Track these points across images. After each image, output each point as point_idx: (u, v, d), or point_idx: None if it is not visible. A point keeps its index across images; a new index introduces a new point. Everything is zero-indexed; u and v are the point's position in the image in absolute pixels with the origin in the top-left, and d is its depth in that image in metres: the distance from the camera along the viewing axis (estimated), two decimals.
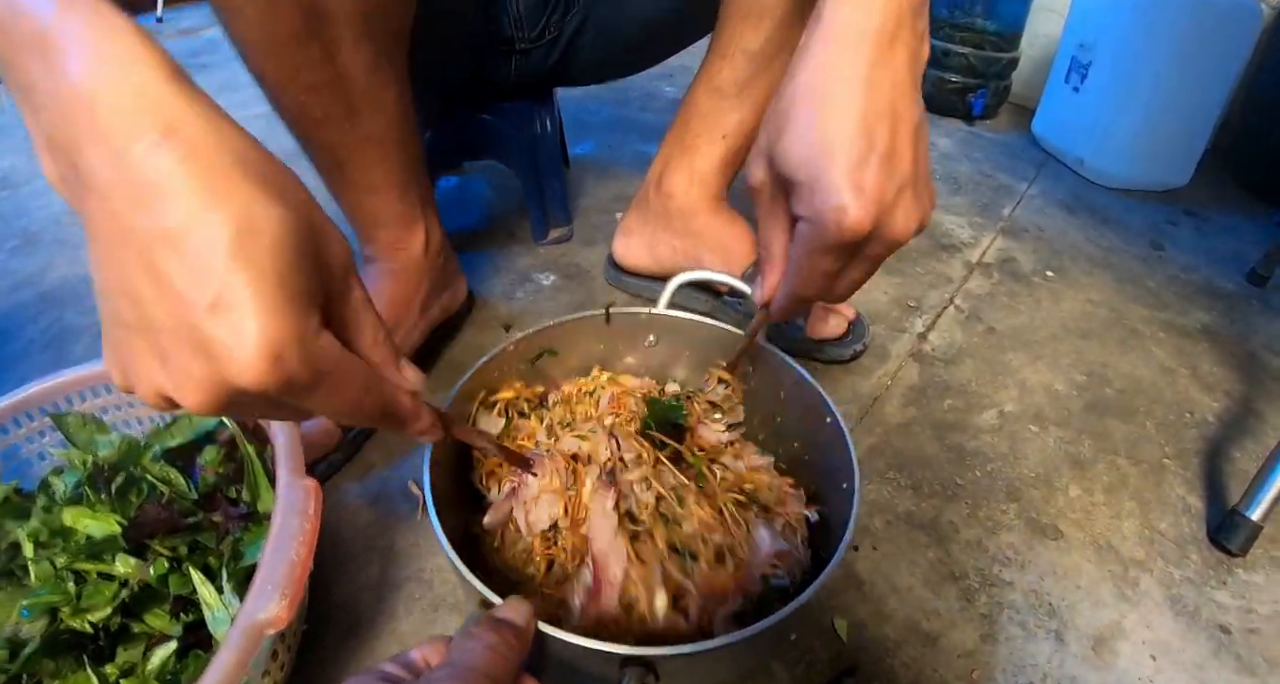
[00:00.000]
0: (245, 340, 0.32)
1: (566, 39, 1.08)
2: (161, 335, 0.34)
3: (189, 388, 0.34)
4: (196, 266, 0.32)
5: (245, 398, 0.35)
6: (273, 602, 0.51)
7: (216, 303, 0.32)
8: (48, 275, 1.26)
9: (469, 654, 0.42)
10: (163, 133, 0.33)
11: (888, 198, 0.49)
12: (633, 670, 0.48)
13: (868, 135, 0.49)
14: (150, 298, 0.33)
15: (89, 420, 0.72)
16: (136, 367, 0.36)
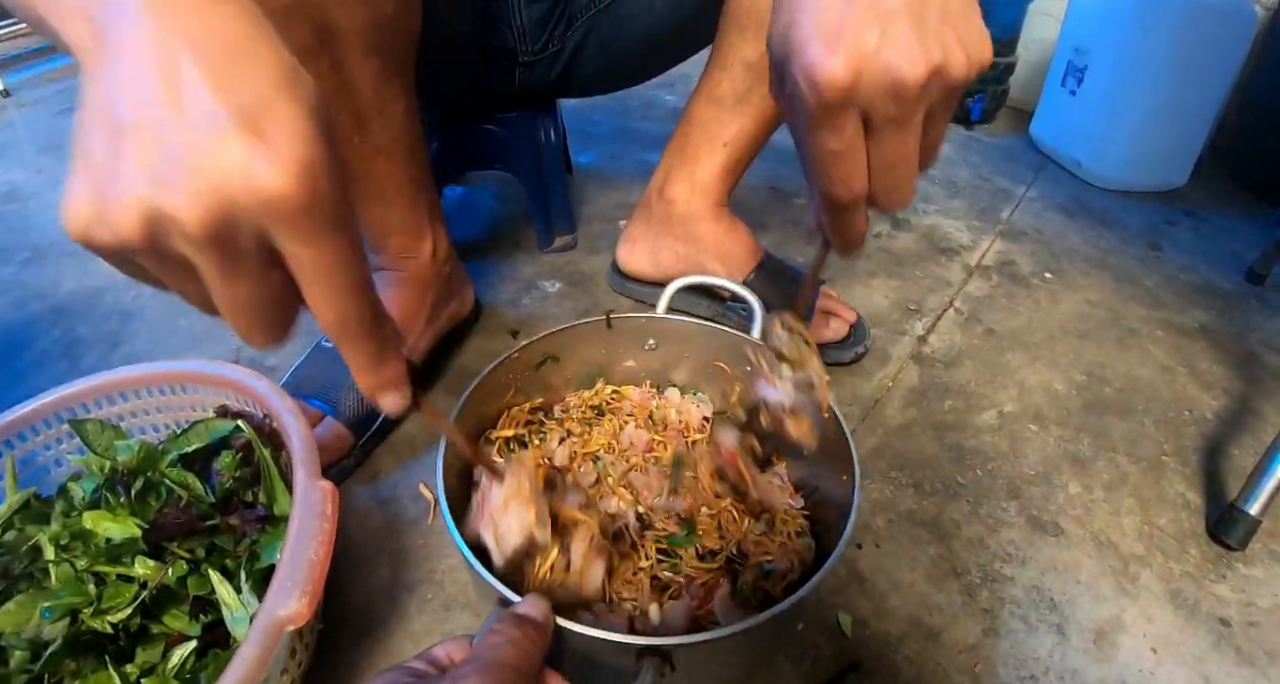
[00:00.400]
0: (278, 147, 0.31)
1: (569, 52, 1.10)
2: (172, 138, 0.30)
3: (191, 194, 0.30)
4: (237, 77, 0.31)
5: (252, 217, 0.32)
6: (293, 599, 0.53)
7: (254, 113, 0.31)
8: (58, 288, 1.28)
9: (493, 649, 0.44)
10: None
11: (866, 34, 0.40)
12: (649, 661, 0.49)
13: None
14: (169, 100, 0.30)
15: (107, 427, 0.74)
16: (120, 180, 0.31)
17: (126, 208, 0.31)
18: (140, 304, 1.23)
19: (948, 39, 0.42)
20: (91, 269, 1.32)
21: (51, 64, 2.43)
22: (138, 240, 0.32)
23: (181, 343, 1.14)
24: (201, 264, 0.33)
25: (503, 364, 0.74)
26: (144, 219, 0.31)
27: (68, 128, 1.50)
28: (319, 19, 0.67)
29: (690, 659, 0.52)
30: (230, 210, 0.31)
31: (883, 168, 0.46)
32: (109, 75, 0.32)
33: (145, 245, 0.32)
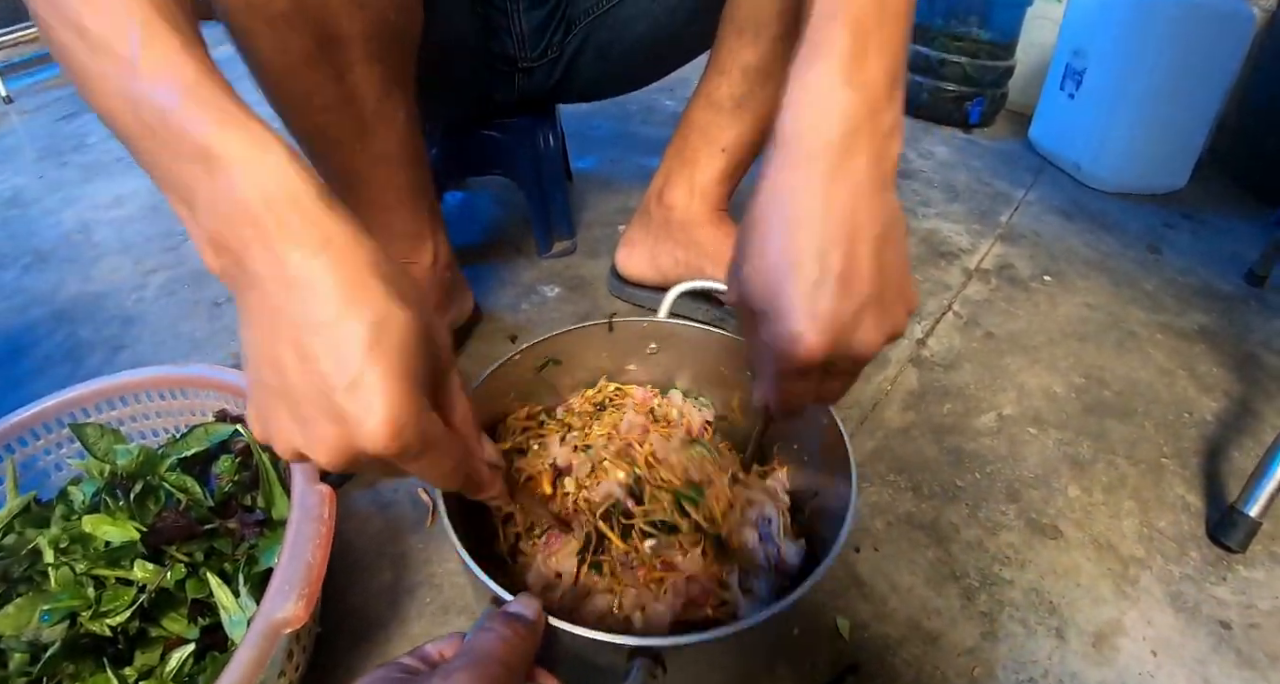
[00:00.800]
0: (375, 416, 0.39)
1: (568, 58, 1.10)
2: (302, 404, 0.40)
3: (322, 449, 0.40)
4: (339, 353, 0.39)
5: (367, 460, 0.41)
6: (290, 601, 0.53)
7: (354, 384, 0.38)
8: (59, 293, 1.28)
9: (483, 644, 0.44)
10: (320, 244, 0.40)
11: (845, 320, 0.46)
12: (641, 662, 0.49)
13: (821, 258, 0.46)
14: (296, 373, 0.39)
15: (107, 431, 0.74)
16: (277, 425, 0.42)
17: (283, 446, 0.42)
18: (142, 309, 1.23)
19: (897, 311, 0.49)
20: (93, 274, 1.33)
21: (53, 71, 2.44)
22: (298, 461, 0.43)
23: (183, 347, 1.14)
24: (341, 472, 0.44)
25: (502, 367, 0.74)
26: (296, 455, 0.42)
27: (68, 134, 1.53)
28: (321, 26, 0.68)
29: (682, 662, 0.52)
30: (349, 457, 0.41)
31: (828, 392, 0.55)
32: (248, 329, 0.42)
33: (304, 461, 0.43)
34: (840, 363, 0.50)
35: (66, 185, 1.67)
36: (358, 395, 0.38)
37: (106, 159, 1.77)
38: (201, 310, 1.22)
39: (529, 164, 1.23)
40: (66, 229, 1.48)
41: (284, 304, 0.39)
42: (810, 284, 0.46)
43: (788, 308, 0.46)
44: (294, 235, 0.39)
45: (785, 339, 0.47)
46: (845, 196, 0.47)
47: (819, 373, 0.51)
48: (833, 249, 0.46)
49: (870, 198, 0.47)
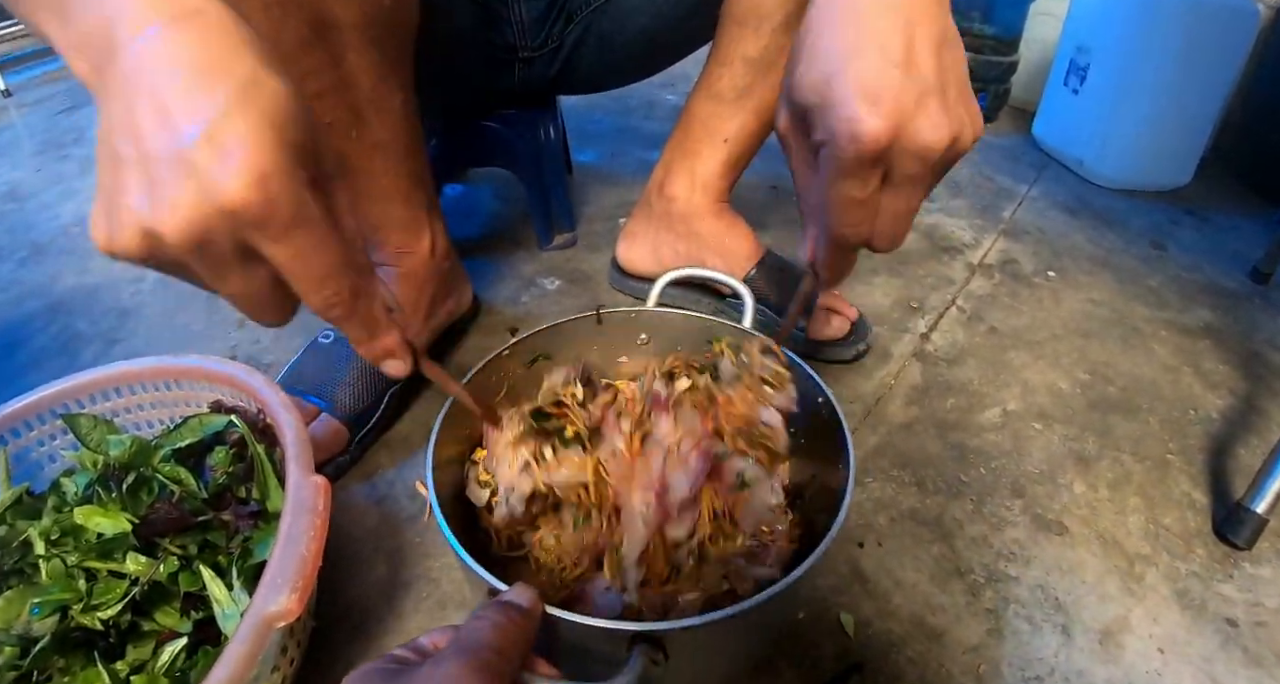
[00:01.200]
0: (234, 161, 0.35)
1: (569, 48, 1.09)
2: (154, 164, 0.36)
3: (171, 211, 0.35)
4: (200, 104, 0.35)
5: (223, 228, 0.36)
6: (283, 594, 0.52)
7: (213, 132, 0.35)
8: (56, 285, 1.28)
9: (474, 632, 0.43)
10: (189, 13, 0.36)
11: (906, 104, 0.44)
12: (641, 648, 0.48)
13: (880, 46, 0.45)
14: (151, 131, 0.35)
15: (100, 422, 0.73)
16: (121, 203, 0.37)
17: (125, 228, 0.37)
18: (138, 301, 1.22)
19: (962, 114, 0.47)
20: (89, 266, 1.32)
21: (52, 65, 2.44)
22: (140, 254, 0.38)
23: (179, 340, 1.13)
24: (193, 267, 0.39)
25: (492, 363, 0.73)
26: (140, 236, 0.37)
27: (67, 128, 1.52)
28: (316, 11, 0.67)
29: (683, 647, 0.51)
30: (201, 222, 0.36)
31: (889, 216, 0.50)
32: (108, 110, 0.37)
33: (149, 256, 0.38)
34: (904, 161, 0.46)
35: (65, 178, 1.66)
36: (216, 142, 0.35)
37: None
38: (199, 303, 1.21)
39: (529, 156, 1.22)
40: (64, 222, 1.48)
41: (144, 69, 0.36)
42: (869, 68, 0.45)
43: (845, 94, 0.45)
44: (162, 4, 0.36)
45: (844, 121, 0.45)
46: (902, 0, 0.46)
47: (879, 176, 0.48)
48: (892, 39, 0.45)
49: (926, 5, 0.47)
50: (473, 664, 0.40)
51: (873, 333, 1.09)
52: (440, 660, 0.40)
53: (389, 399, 0.92)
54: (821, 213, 0.52)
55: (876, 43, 0.45)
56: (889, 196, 0.49)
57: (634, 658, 0.48)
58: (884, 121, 0.44)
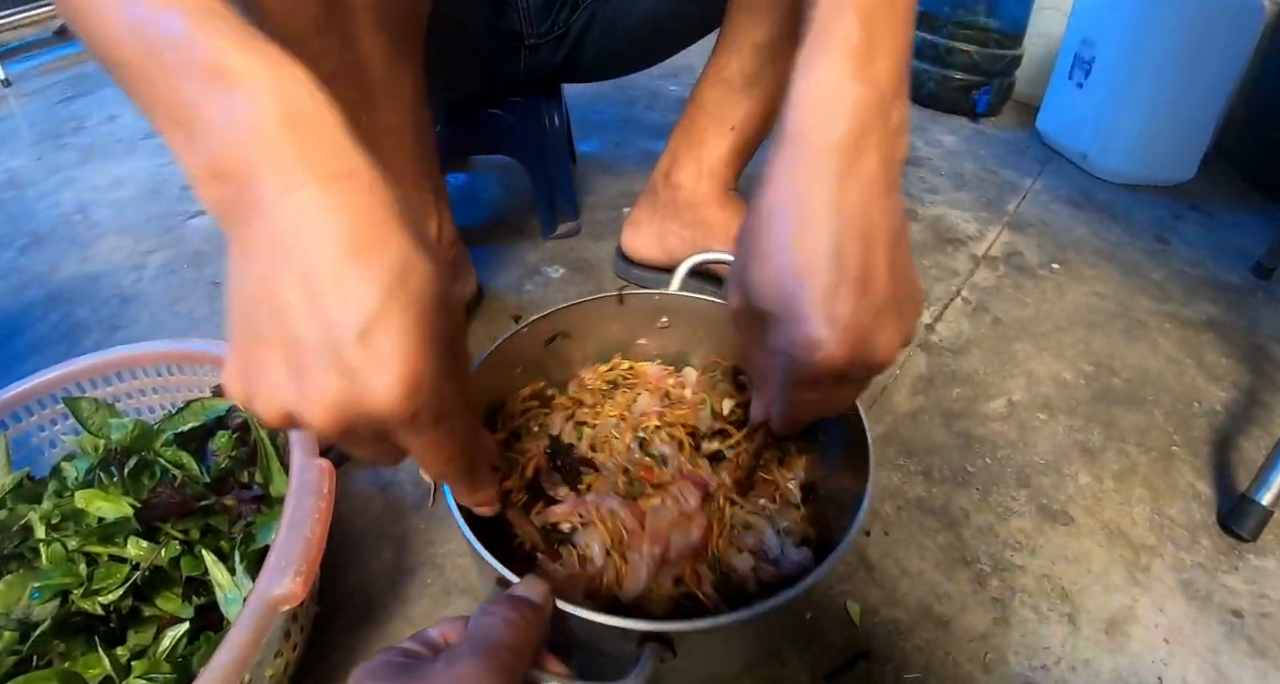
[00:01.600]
0: (391, 368, 0.34)
1: (574, 35, 1.09)
2: (302, 353, 0.35)
3: (319, 407, 0.35)
4: (355, 295, 0.34)
5: (368, 424, 0.36)
6: (287, 578, 0.51)
7: (368, 331, 0.34)
8: (56, 273, 1.27)
9: (488, 628, 0.42)
10: (341, 174, 0.35)
11: (864, 324, 0.44)
12: (651, 646, 0.48)
13: (838, 260, 0.43)
14: (299, 315, 0.34)
15: (101, 405, 0.73)
16: (264, 378, 0.36)
17: (269, 407, 0.37)
18: (139, 289, 1.22)
19: (911, 314, 0.48)
20: (91, 255, 1.31)
21: (52, 54, 2.43)
22: (282, 426, 0.38)
23: (181, 327, 1.12)
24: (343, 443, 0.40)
25: (510, 340, 0.72)
26: (284, 416, 0.37)
27: (66, 117, 1.51)
28: None
29: (692, 646, 0.51)
30: (348, 420, 0.36)
31: (838, 402, 0.55)
32: (246, 265, 0.36)
33: (285, 427, 0.38)
34: (856, 371, 0.46)
35: (65, 167, 1.65)
36: (372, 344, 0.34)
37: (106, 141, 1.76)
38: (200, 290, 1.20)
39: (534, 144, 1.22)
40: (65, 210, 1.47)
41: (293, 236, 0.34)
42: (827, 287, 0.43)
43: (804, 312, 0.44)
44: (314, 160, 0.35)
45: (802, 346, 0.44)
46: (858, 197, 0.44)
47: (832, 381, 0.48)
48: (848, 251, 0.43)
49: (882, 198, 0.45)
50: (488, 664, 0.40)
51: None
52: (455, 659, 0.40)
53: None
54: (775, 399, 0.55)
55: (835, 255, 0.43)
56: (837, 391, 0.52)
57: (644, 657, 0.47)
58: (842, 346, 0.44)
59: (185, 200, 1.48)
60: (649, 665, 0.47)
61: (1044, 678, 0.71)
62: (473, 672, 0.39)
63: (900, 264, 0.46)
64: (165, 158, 1.66)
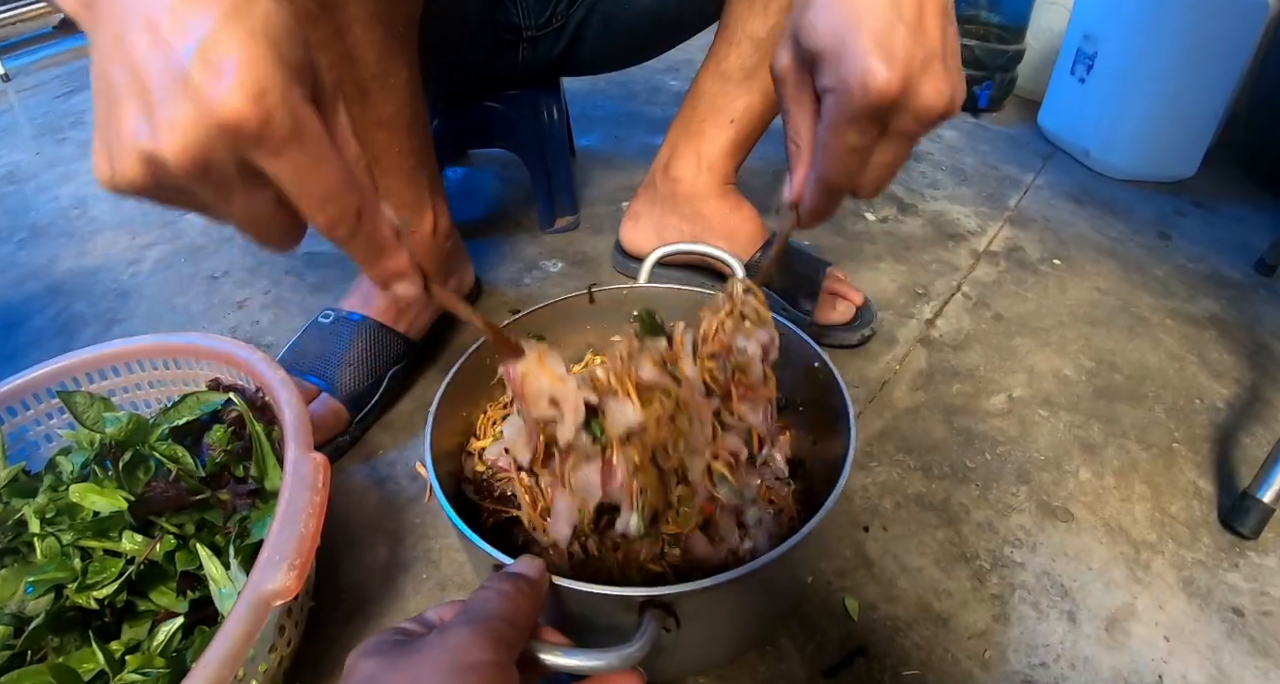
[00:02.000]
0: (229, 76, 0.33)
1: (573, 28, 1.08)
2: (149, 87, 0.34)
3: (169, 132, 0.34)
4: (191, 19, 0.34)
5: (224, 147, 0.35)
6: (280, 572, 0.51)
7: (206, 47, 0.34)
8: (55, 267, 1.27)
9: (483, 602, 0.42)
10: None
11: (915, 64, 0.47)
12: (652, 613, 0.47)
13: (894, 5, 0.47)
14: (143, 53, 0.34)
15: (96, 399, 0.72)
16: (120, 131, 0.35)
17: (126, 156, 0.35)
18: (138, 283, 1.21)
19: (957, 81, 0.49)
20: (89, 248, 1.31)
21: (51, 49, 2.43)
22: (144, 182, 0.36)
23: (178, 321, 1.12)
24: (197, 191, 0.37)
25: (486, 345, 0.72)
26: (141, 164, 0.35)
27: (65, 112, 1.51)
28: None
29: (694, 613, 0.50)
30: (200, 143, 0.34)
31: (879, 166, 0.53)
32: (99, 41, 0.36)
33: (152, 184, 0.36)
34: (903, 118, 0.49)
35: (64, 161, 1.65)
36: (210, 58, 0.34)
37: None
38: (198, 284, 1.20)
39: (532, 137, 1.21)
40: (63, 205, 1.47)
41: None
42: (884, 25, 0.46)
43: (861, 47, 0.46)
44: None
45: (858, 72, 0.46)
46: None
47: (878, 128, 0.50)
48: (904, 1, 0.47)
49: None
50: (482, 632, 0.39)
51: (878, 317, 1.08)
52: (448, 629, 0.39)
53: (390, 380, 0.91)
54: (815, 155, 0.53)
55: (891, 2, 0.46)
56: (882, 148, 0.52)
57: (645, 623, 0.47)
58: (896, 77, 0.46)
59: None
60: (651, 631, 0.46)
61: (1043, 675, 0.70)
62: (468, 640, 0.38)
63: (950, 33, 0.49)
64: None
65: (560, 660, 0.44)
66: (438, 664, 0.37)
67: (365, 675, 0.38)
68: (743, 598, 0.56)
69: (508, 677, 0.38)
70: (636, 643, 0.45)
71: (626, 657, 0.44)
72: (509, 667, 0.39)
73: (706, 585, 0.48)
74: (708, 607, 0.52)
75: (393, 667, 0.38)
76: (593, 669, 0.44)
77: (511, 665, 0.39)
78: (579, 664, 0.44)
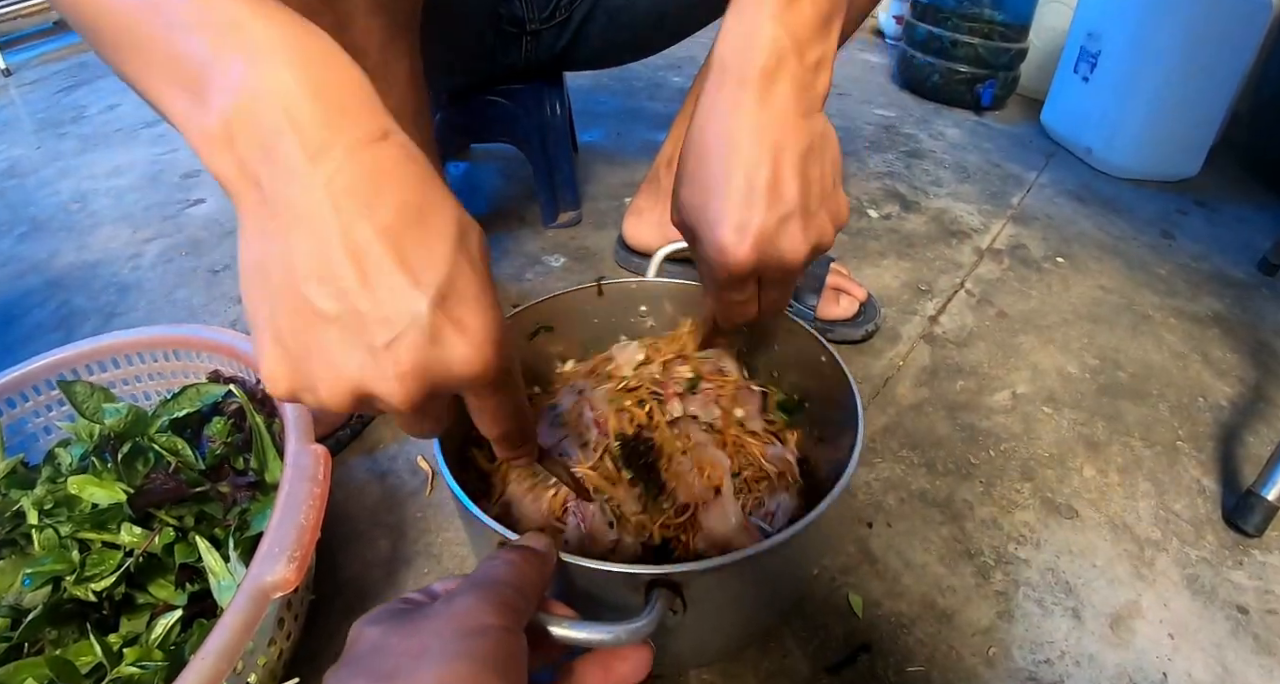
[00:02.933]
0: (475, 331, 0.34)
1: (577, 22, 1.08)
2: (371, 326, 0.33)
3: (398, 377, 0.33)
4: (422, 261, 0.33)
5: (448, 389, 0.36)
6: (280, 564, 0.51)
7: (448, 291, 0.33)
8: (55, 261, 1.26)
9: (492, 569, 0.41)
10: (375, 137, 0.33)
11: (770, 229, 0.49)
12: (660, 592, 0.47)
13: (746, 174, 0.49)
14: (361, 288, 0.32)
15: (97, 389, 0.72)
16: (326, 360, 0.34)
17: (335, 388, 0.34)
18: (138, 276, 1.21)
19: (823, 222, 0.52)
20: (89, 242, 1.31)
21: (52, 44, 2.43)
22: (347, 409, 0.36)
23: (179, 315, 1.12)
24: (397, 416, 0.38)
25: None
26: (353, 396, 0.35)
27: (67, 106, 1.51)
28: None
29: (701, 595, 0.50)
30: (433, 388, 0.35)
31: (767, 303, 0.58)
32: (284, 244, 0.33)
33: (352, 409, 0.36)
34: (771, 273, 0.53)
35: (64, 156, 1.65)
36: (450, 308, 0.33)
37: (106, 130, 1.76)
38: (199, 278, 1.19)
39: (535, 131, 1.21)
40: (64, 199, 1.46)
41: (333, 206, 0.32)
42: (737, 198, 0.49)
43: (716, 221, 0.50)
44: (344, 122, 0.32)
45: (715, 250, 0.50)
46: (770, 119, 0.49)
47: (754, 283, 0.55)
48: (758, 166, 0.49)
49: (795, 120, 0.49)
50: (490, 597, 0.38)
51: (881, 313, 1.07)
52: (455, 595, 0.38)
53: None
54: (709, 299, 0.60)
55: (744, 173, 0.49)
56: (764, 293, 0.56)
57: (653, 602, 0.46)
58: (749, 249, 0.49)
59: (184, 189, 1.47)
60: (658, 611, 0.46)
61: (1048, 673, 0.70)
62: (474, 604, 0.37)
63: (815, 177, 0.51)
64: (164, 147, 1.65)
65: (568, 633, 0.43)
66: (444, 629, 0.36)
67: (370, 643, 0.37)
68: (749, 583, 0.55)
69: (515, 641, 0.37)
70: (645, 618, 0.44)
71: (635, 631, 0.44)
72: (517, 632, 0.38)
73: (713, 565, 0.48)
74: (714, 588, 0.52)
75: (399, 632, 0.37)
76: (601, 642, 0.44)
77: (520, 632, 0.38)
78: (588, 637, 0.43)
